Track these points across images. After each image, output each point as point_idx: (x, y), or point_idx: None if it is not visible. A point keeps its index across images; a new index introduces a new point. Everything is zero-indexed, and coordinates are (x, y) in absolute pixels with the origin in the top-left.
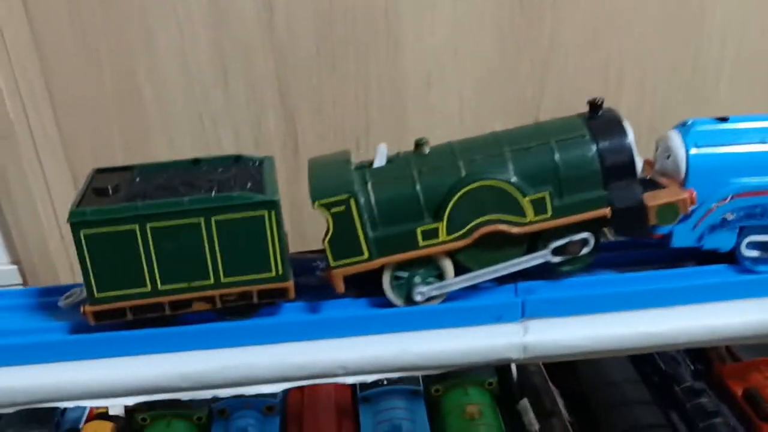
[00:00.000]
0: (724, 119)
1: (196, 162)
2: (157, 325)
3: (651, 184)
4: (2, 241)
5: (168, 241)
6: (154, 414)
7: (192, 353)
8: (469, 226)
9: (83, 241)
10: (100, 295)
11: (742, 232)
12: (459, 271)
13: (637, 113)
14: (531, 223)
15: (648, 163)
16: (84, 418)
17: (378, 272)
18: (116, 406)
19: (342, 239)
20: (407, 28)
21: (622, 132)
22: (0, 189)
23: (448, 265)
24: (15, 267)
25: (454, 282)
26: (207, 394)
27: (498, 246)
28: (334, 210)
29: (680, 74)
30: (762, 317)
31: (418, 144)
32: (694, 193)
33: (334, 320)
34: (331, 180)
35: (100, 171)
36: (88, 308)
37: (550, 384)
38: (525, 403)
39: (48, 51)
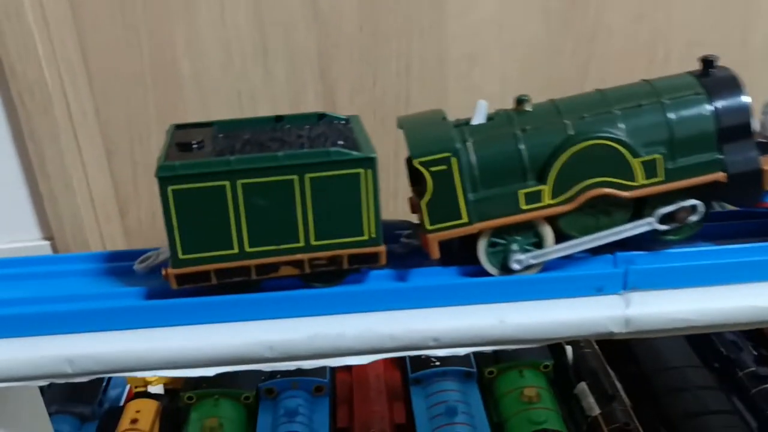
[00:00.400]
0: None
1: (278, 119)
2: (239, 291)
3: (764, 147)
4: (36, 217)
5: (259, 200)
6: (201, 393)
7: (278, 321)
8: (575, 189)
9: (171, 198)
10: (184, 257)
11: None
12: (558, 238)
13: None
14: (641, 186)
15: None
16: (125, 396)
17: (472, 238)
18: (158, 386)
19: (441, 201)
20: (452, 5)
21: (739, 90)
22: (36, 164)
23: (548, 232)
24: (48, 243)
25: (554, 250)
26: (291, 366)
27: (602, 212)
28: (434, 169)
29: (729, 53)
30: None
31: (520, 101)
32: None
33: (426, 288)
34: (430, 137)
35: (179, 126)
36: (171, 271)
37: (608, 367)
38: (583, 386)
39: (86, 25)
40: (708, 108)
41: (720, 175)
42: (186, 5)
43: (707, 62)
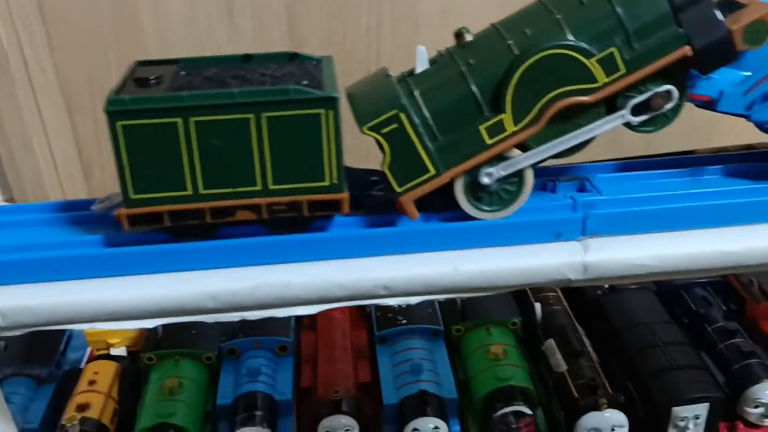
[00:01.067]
0: None
1: (247, 58)
2: (198, 236)
3: (730, 6)
4: None
5: (213, 139)
6: (161, 353)
7: (223, 271)
8: (536, 109)
9: (120, 134)
10: (136, 197)
11: None
12: None
13: None
14: (604, 85)
15: None
16: (85, 359)
17: (449, 187)
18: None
19: (402, 160)
20: None
21: None
22: None
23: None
24: (8, 204)
25: (525, 156)
26: (235, 316)
27: (574, 120)
28: (385, 130)
29: None
30: None
31: (459, 34)
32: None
33: (377, 236)
34: (374, 100)
35: (141, 63)
36: (123, 211)
37: (577, 325)
38: (551, 343)
39: None
40: None
41: (686, 50)
42: None
43: None
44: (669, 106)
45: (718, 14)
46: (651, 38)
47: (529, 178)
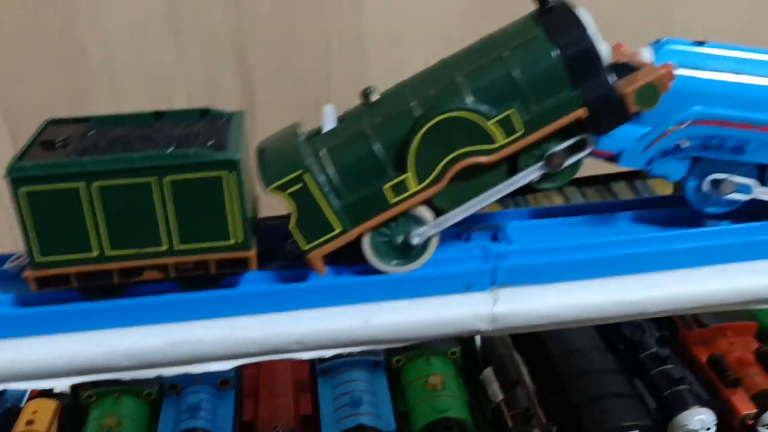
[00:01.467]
0: (701, 43)
1: (158, 115)
2: (108, 296)
3: (625, 69)
4: None
5: (117, 202)
6: (101, 391)
7: (136, 329)
8: (438, 169)
9: (23, 200)
10: (42, 260)
11: (695, 166)
12: (440, 215)
13: None
14: (503, 146)
15: (618, 48)
16: (26, 397)
17: (357, 242)
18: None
19: (308, 219)
20: None
21: (578, 22)
22: None
23: (426, 213)
24: None
25: (450, 216)
26: (153, 373)
27: (476, 179)
28: (290, 190)
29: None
30: (740, 284)
31: (366, 94)
32: (671, 66)
33: (289, 291)
34: (280, 160)
35: (54, 122)
36: (30, 273)
37: (515, 353)
38: (489, 372)
39: None
40: (549, 48)
41: (580, 112)
42: None
43: (541, 0)
44: (568, 163)
45: (611, 78)
46: (548, 101)
47: (435, 236)
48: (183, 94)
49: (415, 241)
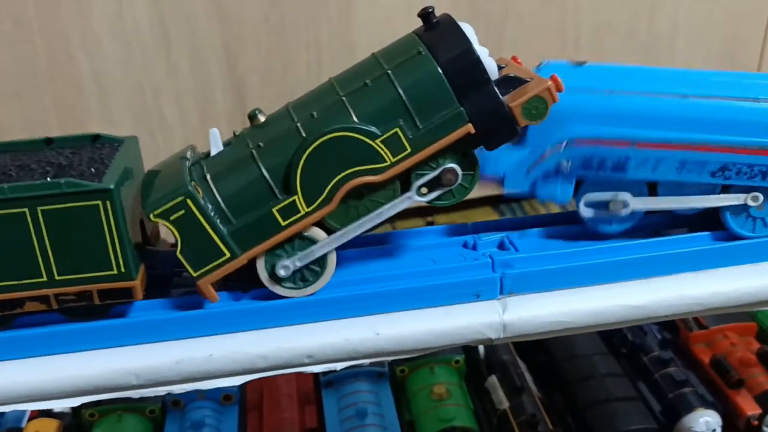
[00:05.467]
0: (581, 63)
1: (49, 141)
2: None
3: (515, 81)
4: None
5: None
6: (103, 409)
7: (144, 347)
8: (327, 190)
9: None
10: None
11: (582, 187)
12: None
13: None
14: (392, 165)
15: (514, 60)
16: (26, 417)
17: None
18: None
19: (195, 245)
20: None
21: (462, 37)
22: None
23: (319, 233)
24: None
25: (319, 246)
26: (161, 391)
27: (368, 198)
28: (173, 217)
29: (636, 37)
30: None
31: (252, 116)
32: (559, 78)
33: (298, 305)
34: (162, 187)
35: None
36: None
37: (518, 359)
38: (493, 380)
39: None
40: (433, 64)
41: (468, 127)
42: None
43: (425, 16)
44: (460, 180)
45: (497, 93)
46: (434, 117)
47: (332, 260)
48: (174, 106)
49: (281, 273)
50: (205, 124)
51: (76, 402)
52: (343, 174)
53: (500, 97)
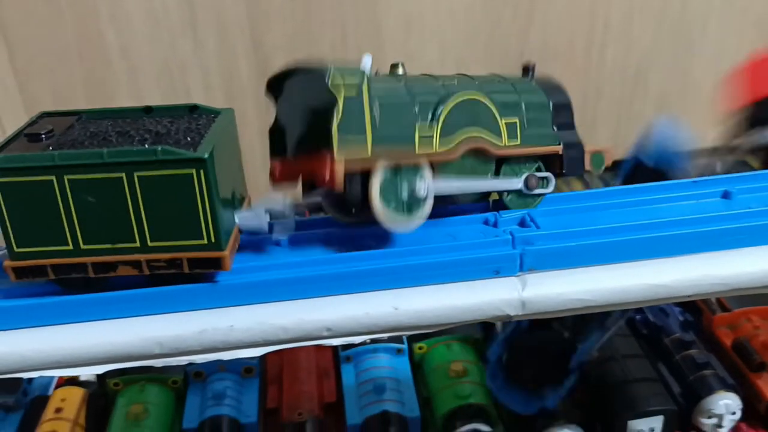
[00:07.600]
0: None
1: (148, 110)
2: (84, 288)
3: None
4: None
5: (89, 196)
6: (127, 378)
7: (166, 316)
8: (457, 140)
9: None
10: (20, 250)
11: None
12: None
13: (624, 58)
14: (505, 147)
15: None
16: (53, 385)
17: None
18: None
19: (350, 124)
20: None
21: (562, 89)
22: None
23: (430, 175)
24: None
25: (440, 187)
26: (183, 360)
27: (470, 166)
28: (344, 91)
29: (668, 18)
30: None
31: (394, 65)
32: (612, 149)
33: (319, 277)
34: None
35: (46, 114)
36: (8, 263)
37: None
38: None
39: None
40: (544, 96)
41: (558, 148)
42: None
43: (525, 69)
44: (539, 191)
45: (579, 136)
46: (539, 129)
47: (428, 205)
48: (200, 84)
49: (422, 192)
50: (230, 102)
51: (101, 369)
52: (473, 133)
53: (581, 141)
